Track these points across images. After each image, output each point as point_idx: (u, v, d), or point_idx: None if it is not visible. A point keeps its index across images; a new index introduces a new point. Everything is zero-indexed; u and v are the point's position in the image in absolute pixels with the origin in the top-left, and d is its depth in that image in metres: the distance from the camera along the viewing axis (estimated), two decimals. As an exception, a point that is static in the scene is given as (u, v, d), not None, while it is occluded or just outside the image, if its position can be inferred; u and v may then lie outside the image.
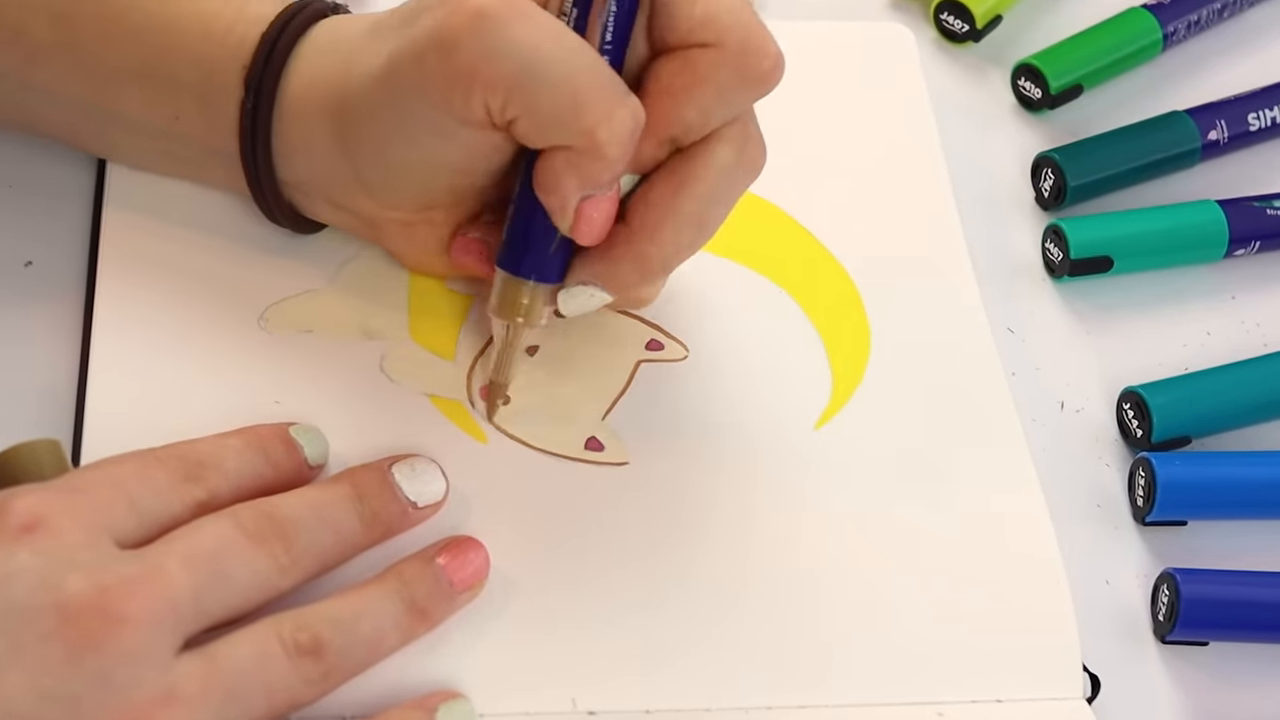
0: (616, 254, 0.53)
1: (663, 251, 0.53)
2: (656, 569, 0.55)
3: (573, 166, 0.51)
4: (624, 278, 0.54)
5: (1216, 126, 0.70)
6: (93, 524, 0.47)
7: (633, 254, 0.53)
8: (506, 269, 0.55)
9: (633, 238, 0.53)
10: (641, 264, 0.54)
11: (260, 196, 0.58)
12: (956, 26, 0.73)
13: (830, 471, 0.58)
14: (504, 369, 0.57)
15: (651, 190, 0.53)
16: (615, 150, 0.51)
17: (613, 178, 0.52)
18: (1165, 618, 0.58)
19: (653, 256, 0.53)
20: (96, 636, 0.45)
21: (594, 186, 0.52)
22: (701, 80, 0.52)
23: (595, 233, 0.53)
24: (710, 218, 0.54)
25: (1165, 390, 0.62)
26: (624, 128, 0.51)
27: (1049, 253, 0.67)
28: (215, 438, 0.53)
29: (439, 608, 0.52)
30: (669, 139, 0.53)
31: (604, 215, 0.53)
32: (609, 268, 0.54)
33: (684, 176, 0.53)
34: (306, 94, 0.55)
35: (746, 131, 0.54)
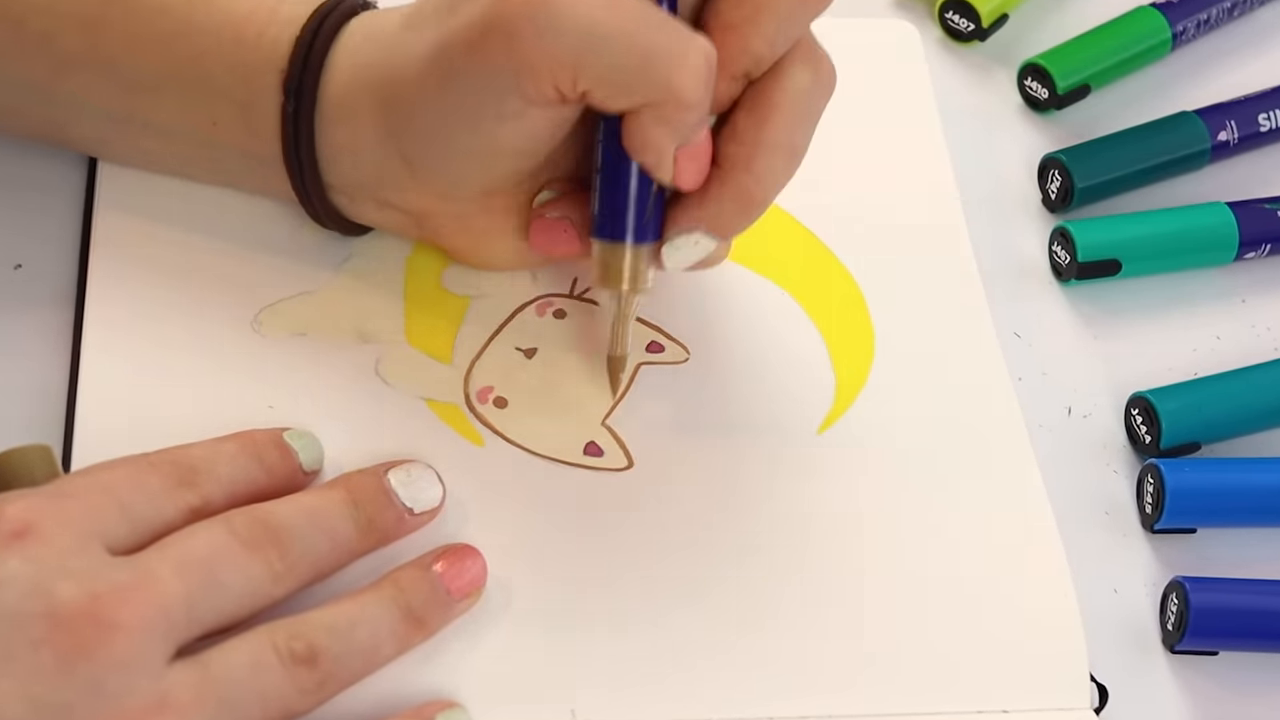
0: (714, 195, 0.54)
1: (760, 184, 0.54)
2: (657, 576, 0.55)
3: (660, 120, 0.52)
4: (727, 217, 0.54)
5: (1226, 127, 0.70)
6: (84, 530, 0.47)
7: (731, 192, 0.54)
8: (605, 237, 0.55)
9: (727, 176, 0.54)
10: (742, 200, 0.54)
11: (307, 201, 0.57)
12: (962, 25, 0.73)
13: (833, 477, 0.58)
14: (621, 341, 0.57)
15: (737, 125, 0.54)
16: (696, 94, 0.51)
17: (701, 120, 0.52)
18: (1174, 627, 0.58)
19: (752, 190, 0.54)
20: (88, 644, 0.45)
21: (685, 133, 0.52)
22: (762, 9, 0.52)
23: (696, 178, 0.53)
24: (799, 142, 0.54)
25: (1174, 395, 0.62)
26: (699, 70, 0.51)
27: (1056, 255, 0.67)
28: (208, 443, 0.53)
29: (436, 616, 0.52)
30: (742, 74, 0.53)
31: (702, 158, 0.53)
32: (710, 210, 0.54)
33: (767, 106, 0.53)
34: (349, 92, 0.55)
35: (815, 51, 0.54)
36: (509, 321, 0.60)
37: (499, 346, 0.59)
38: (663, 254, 0.55)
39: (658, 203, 0.54)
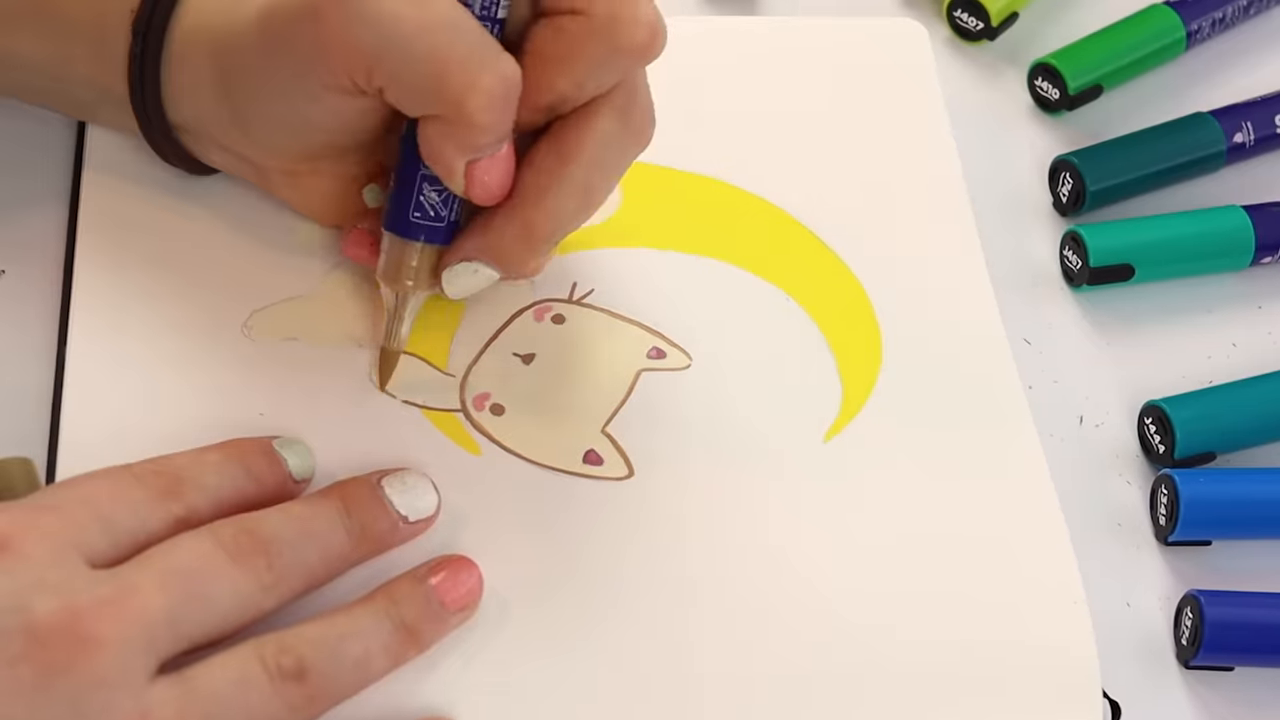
0: (500, 225, 0.54)
1: (548, 221, 0.53)
2: (658, 588, 0.55)
3: (447, 135, 0.52)
4: (509, 250, 0.54)
5: (1242, 128, 0.69)
6: (63, 543, 0.47)
7: (517, 224, 0.53)
8: (392, 230, 0.55)
9: (516, 207, 0.53)
10: (527, 234, 0.54)
11: (153, 140, 0.58)
12: (971, 24, 0.73)
13: (840, 486, 0.57)
14: (393, 336, 0.57)
15: (535, 158, 0.53)
16: (486, 117, 0.51)
17: (493, 141, 0.52)
18: (1188, 641, 0.58)
19: (538, 226, 0.53)
20: (66, 660, 0.45)
21: (474, 152, 0.52)
22: (572, 50, 0.52)
23: (492, 193, 0.53)
24: (595, 186, 0.54)
25: (1189, 404, 0.62)
26: (493, 94, 0.51)
27: (1067, 260, 0.66)
28: (194, 452, 0.52)
29: (430, 629, 0.52)
30: (545, 107, 0.53)
31: (498, 174, 0.53)
32: (493, 241, 0.54)
33: (566, 145, 0.53)
34: (192, 39, 0.55)
35: (632, 99, 0.53)
36: (506, 327, 0.60)
37: (496, 352, 0.59)
38: (442, 280, 0.55)
39: (447, 206, 0.55)
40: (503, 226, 0.54)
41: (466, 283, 0.55)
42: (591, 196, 0.54)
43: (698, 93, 0.66)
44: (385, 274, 0.56)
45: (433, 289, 0.56)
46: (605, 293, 0.61)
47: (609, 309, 0.60)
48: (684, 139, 0.64)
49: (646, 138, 0.54)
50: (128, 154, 0.61)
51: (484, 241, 0.54)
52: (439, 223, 0.55)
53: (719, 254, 0.62)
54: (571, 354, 0.59)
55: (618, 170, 0.54)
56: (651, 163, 0.63)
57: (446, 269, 0.55)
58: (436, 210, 0.54)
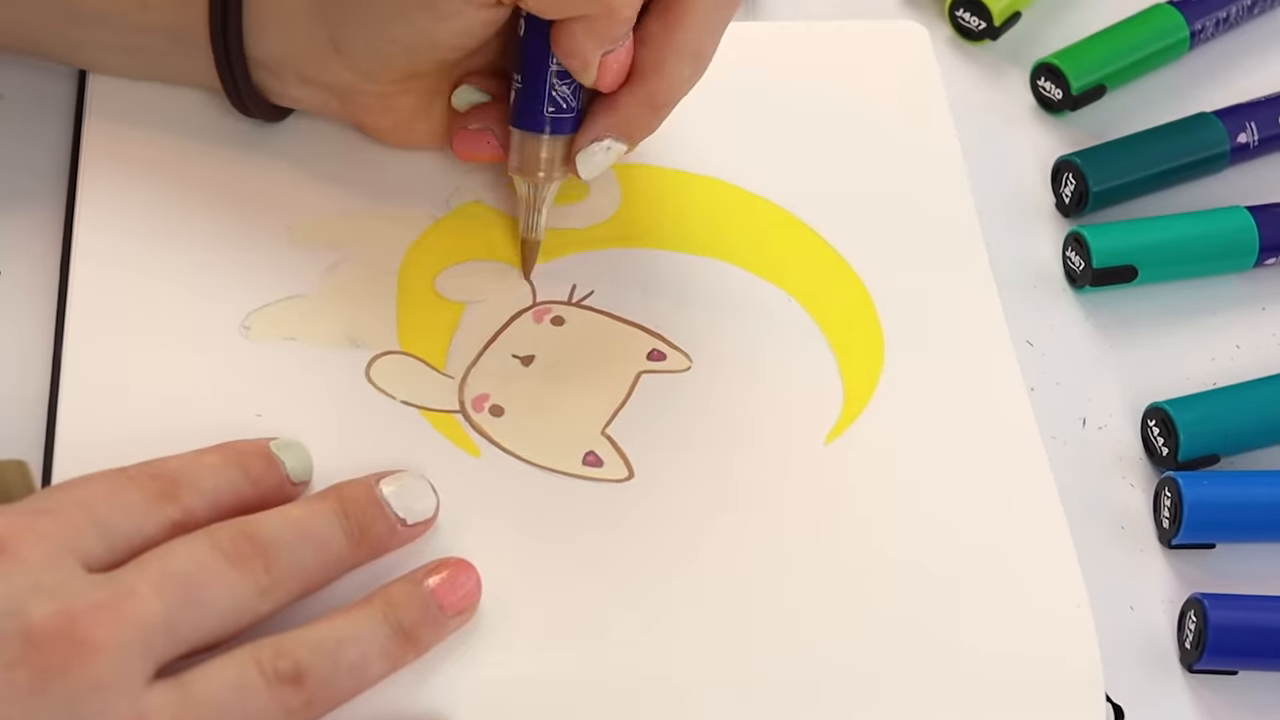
0: (624, 101, 0.57)
1: (667, 88, 0.57)
2: (659, 592, 0.54)
3: (591, 31, 0.55)
4: (635, 121, 0.57)
5: (1246, 129, 0.69)
6: (60, 546, 0.47)
7: (640, 96, 0.57)
8: (523, 128, 0.58)
9: (636, 81, 0.57)
10: (649, 104, 0.57)
11: (229, 79, 0.59)
12: (973, 24, 0.73)
13: (841, 489, 0.57)
14: (534, 226, 0.60)
15: (647, 30, 0.56)
16: (629, 10, 0.55)
17: (628, 32, 0.55)
18: (1192, 645, 0.57)
19: (658, 94, 0.57)
20: (63, 664, 0.45)
21: (612, 43, 0.55)
22: None
23: (617, 79, 0.57)
24: (705, 48, 0.57)
25: (1192, 406, 0.62)
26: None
27: (1070, 262, 0.66)
28: (191, 454, 0.52)
29: (428, 633, 0.51)
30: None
31: (623, 63, 0.56)
32: (619, 116, 0.57)
33: (676, 12, 0.56)
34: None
35: None
36: (505, 328, 0.60)
37: (495, 353, 0.59)
38: (576, 163, 0.58)
39: (575, 97, 0.58)
40: (628, 102, 0.57)
41: (600, 160, 0.58)
42: (701, 59, 0.57)
43: (700, 97, 0.65)
44: (521, 168, 0.59)
45: (563, 176, 0.59)
46: (605, 294, 0.61)
47: (609, 311, 0.60)
48: (686, 141, 0.64)
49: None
50: (126, 153, 0.61)
51: (612, 120, 0.57)
52: (569, 114, 0.58)
53: (720, 255, 0.62)
54: (571, 356, 0.59)
55: (720, 30, 0.57)
56: (652, 164, 0.63)
57: (580, 151, 0.58)
58: (567, 103, 0.57)
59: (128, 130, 0.61)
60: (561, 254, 0.61)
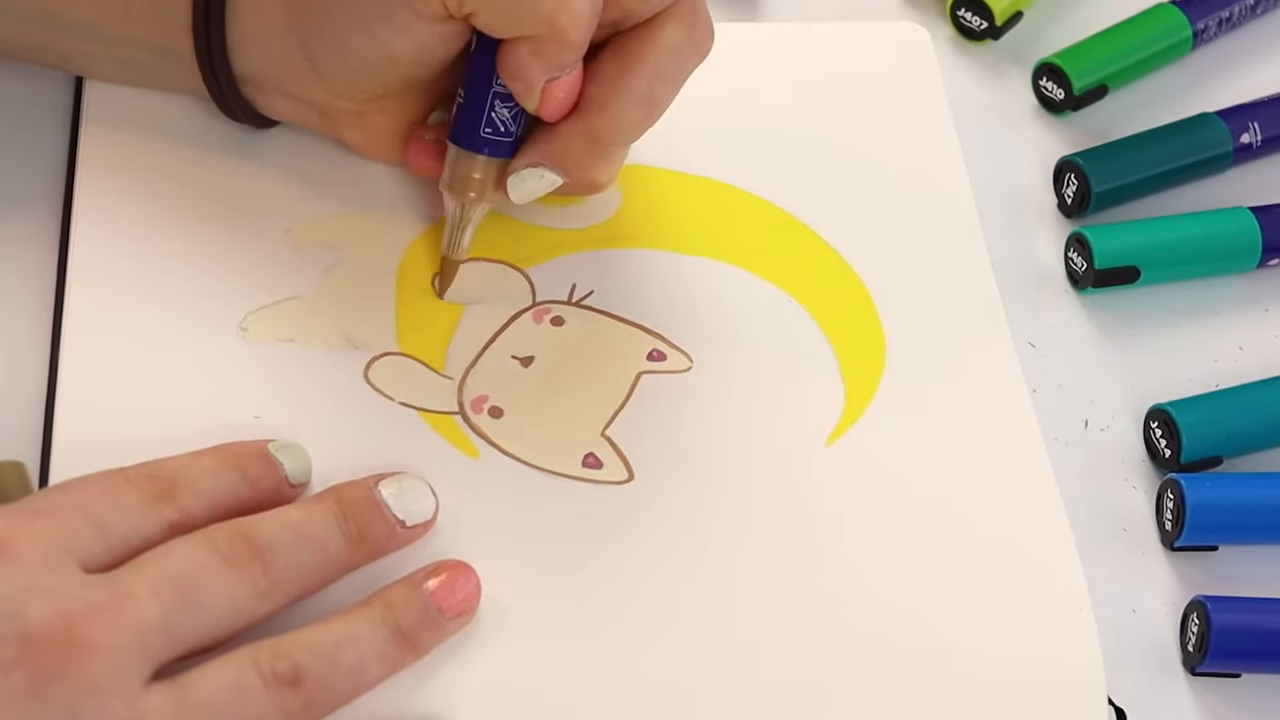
0: (565, 132, 0.56)
1: (612, 127, 0.56)
2: (659, 594, 0.54)
3: (537, 54, 0.54)
4: (573, 156, 0.57)
5: (1249, 129, 0.69)
6: (57, 547, 0.47)
7: (582, 131, 0.56)
8: (459, 144, 0.58)
9: (581, 115, 0.56)
10: (591, 141, 0.56)
11: (218, 92, 0.59)
12: (974, 23, 0.73)
13: (842, 491, 0.57)
14: (456, 245, 0.59)
15: (600, 67, 0.56)
16: (577, 35, 0.54)
17: (576, 59, 0.55)
18: (1195, 648, 0.57)
19: (602, 132, 0.56)
20: (60, 666, 0.45)
21: (559, 69, 0.55)
22: None
23: (561, 109, 0.56)
24: (658, 95, 0.56)
25: (1195, 408, 0.62)
26: (583, 12, 0.53)
27: (1072, 262, 0.66)
28: (189, 456, 0.52)
29: (427, 636, 0.51)
30: (611, 22, 0.56)
31: (569, 92, 0.56)
32: (558, 147, 0.57)
33: (633, 54, 0.56)
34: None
35: (694, 13, 0.56)
36: (505, 328, 0.59)
37: (494, 354, 0.59)
38: (508, 185, 0.58)
39: (515, 122, 0.57)
40: (569, 134, 0.56)
41: (531, 187, 0.57)
42: (654, 107, 0.56)
43: (700, 98, 0.65)
44: (451, 185, 0.58)
45: (495, 201, 0.58)
46: (605, 294, 0.60)
47: (609, 311, 0.60)
48: (687, 143, 0.64)
49: (707, 49, 0.57)
50: (123, 156, 0.61)
51: (550, 148, 0.57)
52: (506, 138, 0.57)
53: (720, 255, 0.62)
54: (571, 356, 0.59)
55: (679, 81, 0.57)
56: (652, 165, 0.63)
57: (513, 174, 0.57)
58: (506, 126, 0.57)
59: (125, 134, 0.61)
60: (561, 254, 0.61)
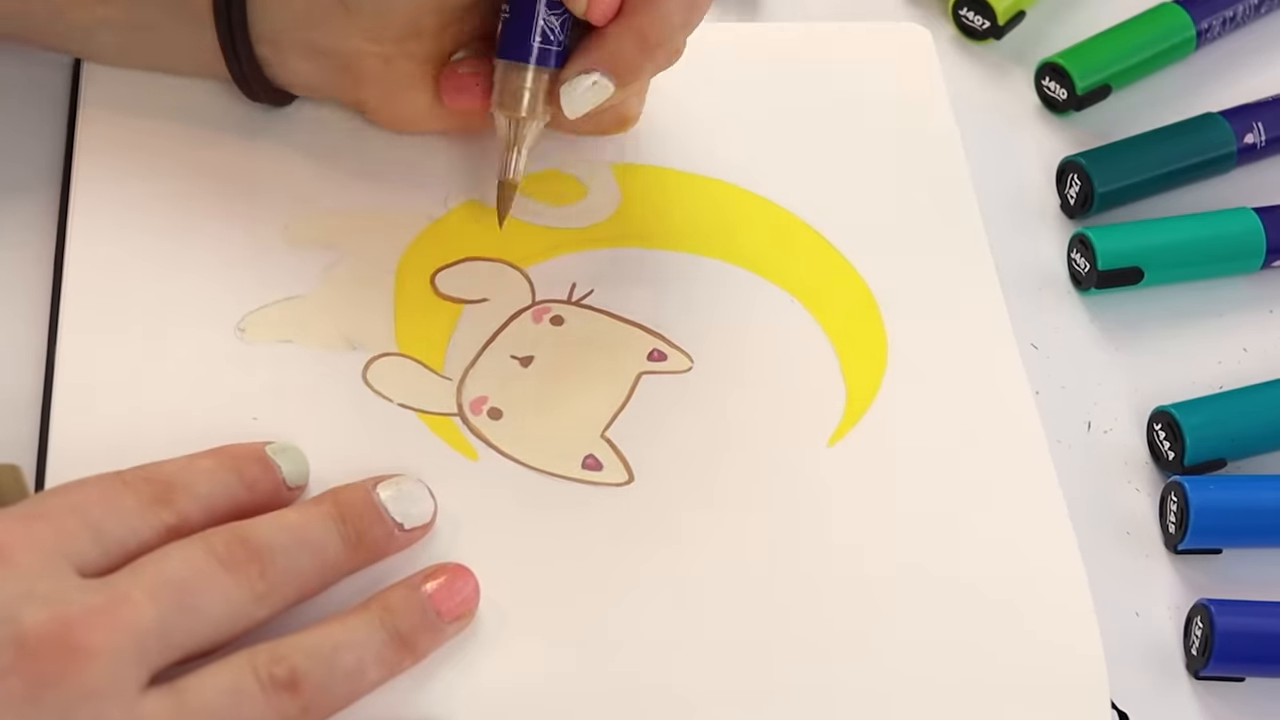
0: (614, 35, 0.57)
1: (659, 24, 0.57)
2: (659, 597, 0.54)
3: None
4: (624, 57, 0.57)
5: (1253, 129, 0.69)
6: (53, 552, 0.47)
7: (631, 32, 0.57)
8: (509, 58, 0.58)
9: (627, 16, 0.57)
10: (640, 40, 0.57)
11: (232, 54, 0.59)
12: (977, 23, 0.73)
13: (844, 492, 0.57)
14: (512, 166, 0.59)
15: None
16: None
17: None
18: (1199, 652, 0.57)
19: (649, 30, 0.57)
20: (56, 671, 0.45)
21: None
22: None
23: (608, 13, 0.57)
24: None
25: (1199, 410, 0.62)
26: None
27: (1075, 263, 0.66)
28: (185, 458, 0.52)
29: (425, 639, 0.51)
30: None
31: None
32: (610, 51, 0.57)
33: None
34: None
35: None
36: (504, 328, 0.59)
37: (494, 354, 0.59)
38: (561, 95, 0.57)
39: (563, 30, 0.58)
40: (618, 37, 0.57)
41: (586, 95, 0.57)
42: (696, 4, 0.57)
43: (702, 98, 0.65)
44: (502, 102, 0.58)
45: (546, 116, 0.58)
46: (605, 294, 0.60)
47: (609, 310, 0.60)
48: (688, 142, 0.64)
49: None
50: (119, 151, 0.60)
51: (601, 54, 0.57)
52: (556, 46, 0.57)
53: (721, 254, 0.62)
54: (571, 356, 0.59)
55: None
56: (652, 164, 0.63)
57: (566, 83, 0.57)
58: (555, 34, 0.57)
59: (122, 133, 0.61)
60: (561, 253, 0.61)
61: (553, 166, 0.63)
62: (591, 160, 0.63)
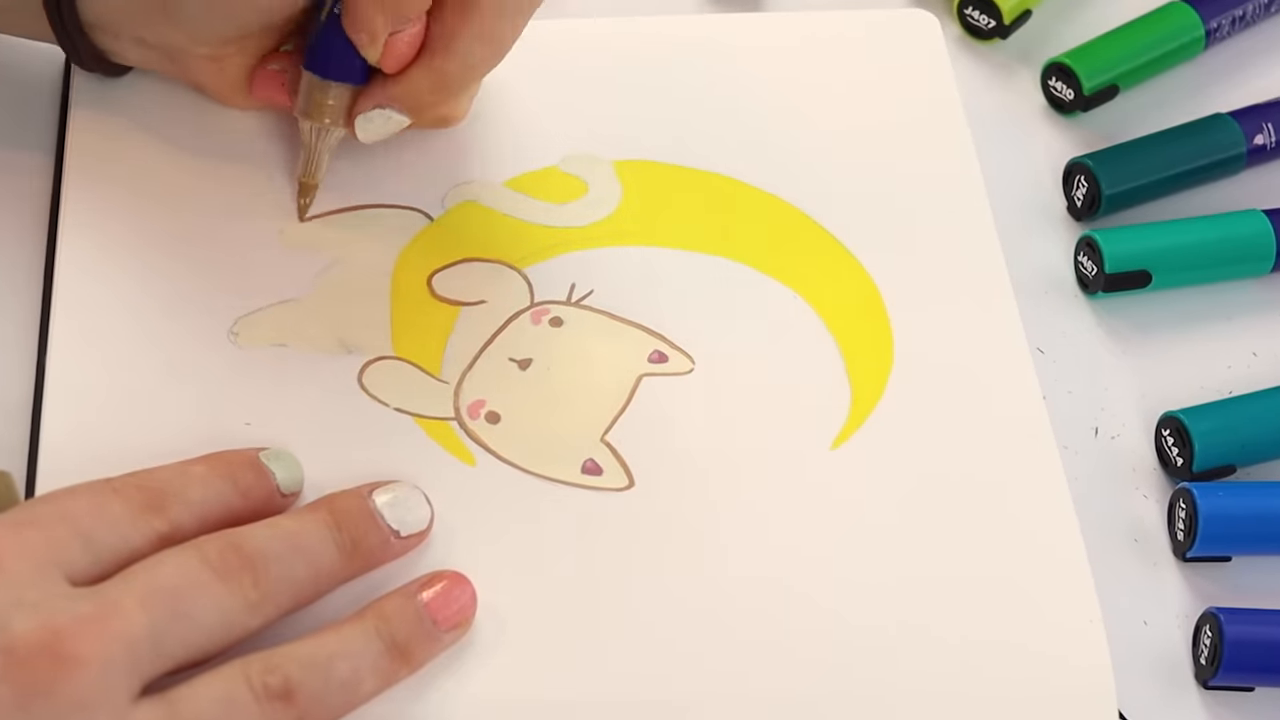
0: (412, 74, 0.58)
1: (457, 68, 0.57)
2: (659, 604, 0.54)
3: (380, 7, 0.55)
4: (420, 96, 0.58)
5: (1263, 130, 0.69)
6: (43, 560, 0.47)
7: (428, 73, 0.57)
8: (314, 71, 0.58)
9: (426, 57, 0.57)
10: (436, 81, 0.58)
11: (65, 38, 0.59)
12: (982, 22, 0.73)
13: (847, 496, 0.57)
14: (312, 170, 0.60)
15: (441, 11, 0.57)
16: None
17: (419, 13, 0.56)
18: (1208, 661, 0.57)
19: (448, 73, 0.57)
20: (46, 680, 0.45)
21: (402, 22, 0.56)
22: None
23: (400, 62, 0.57)
24: (502, 32, 0.57)
25: (1208, 415, 0.62)
26: None
27: (1082, 266, 0.66)
28: (178, 465, 0.52)
29: (422, 648, 0.51)
30: None
31: (410, 46, 0.57)
32: (405, 88, 0.58)
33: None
34: None
35: None
36: (502, 330, 0.59)
37: (492, 357, 0.59)
38: (355, 125, 0.59)
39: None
40: (415, 75, 0.57)
41: (380, 127, 0.59)
42: (496, 44, 0.57)
43: (703, 89, 0.65)
44: (305, 110, 0.59)
45: (349, 128, 0.59)
46: (605, 294, 0.60)
47: (609, 311, 0.60)
48: (689, 136, 0.64)
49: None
50: (111, 150, 0.61)
51: (397, 89, 0.58)
52: (360, 61, 0.58)
53: (724, 252, 0.62)
54: (570, 359, 0.59)
55: (522, 15, 0.57)
56: (653, 159, 0.63)
57: (360, 115, 0.58)
58: (354, 54, 0.57)
59: (113, 135, 0.61)
60: (559, 252, 0.61)
61: (552, 164, 0.63)
62: (591, 156, 0.63)
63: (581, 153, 0.63)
